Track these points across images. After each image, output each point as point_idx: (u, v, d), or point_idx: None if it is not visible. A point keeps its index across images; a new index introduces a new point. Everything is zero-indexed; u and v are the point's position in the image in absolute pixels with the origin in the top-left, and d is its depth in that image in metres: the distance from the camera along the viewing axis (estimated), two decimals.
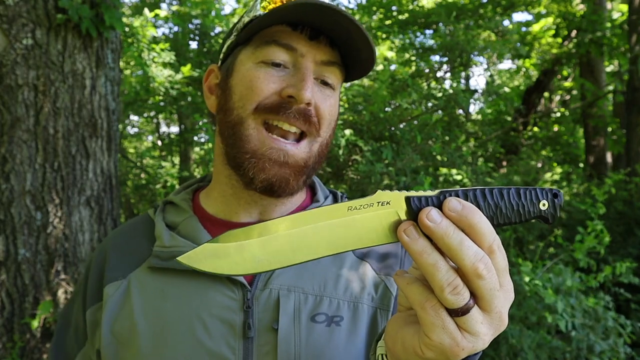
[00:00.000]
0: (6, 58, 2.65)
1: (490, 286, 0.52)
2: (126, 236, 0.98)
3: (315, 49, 0.85)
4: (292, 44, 0.84)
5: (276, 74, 0.84)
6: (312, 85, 0.84)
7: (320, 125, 0.87)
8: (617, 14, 8.25)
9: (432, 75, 6.29)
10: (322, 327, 0.82)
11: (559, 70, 8.79)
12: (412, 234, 0.53)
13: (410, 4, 8.19)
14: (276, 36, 0.85)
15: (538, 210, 0.57)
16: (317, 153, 0.88)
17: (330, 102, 0.88)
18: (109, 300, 0.88)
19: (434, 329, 0.53)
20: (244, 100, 0.85)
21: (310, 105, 0.84)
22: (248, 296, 0.82)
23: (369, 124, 4.42)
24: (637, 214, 5.80)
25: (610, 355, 3.02)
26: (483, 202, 0.56)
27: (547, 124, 9.53)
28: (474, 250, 0.51)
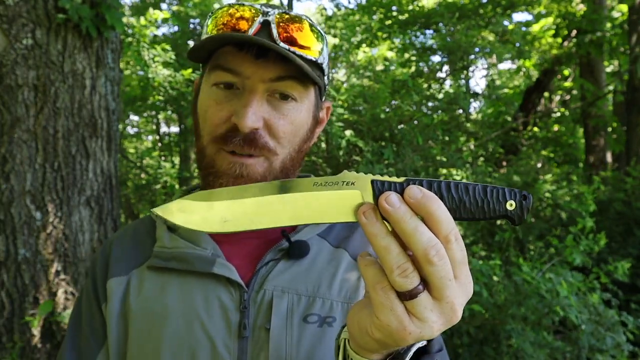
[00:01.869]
0: (6, 58, 2.65)
1: (441, 274, 0.53)
2: (129, 236, 0.99)
3: (262, 68, 0.81)
4: (236, 68, 0.82)
5: (224, 98, 0.84)
6: (259, 108, 0.82)
7: (276, 145, 0.85)
8: (617, 14, 8.25)
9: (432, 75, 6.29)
10: (314, 328, 0.83)
11: (559, 70, 8.80)
12: (370, 216, 0.55)
13: (410, 4, 8.19)
14: (222, 60, 0.83)
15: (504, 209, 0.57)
16: (280, 169, 0.87)
17: (289, 119, 0.85)
18: (112, 296, 0.90)
19: (382, 310, 0.54)
20: (203, 129, 0.87)
21: (258, 129, 0.82)
22: (245, 297, 0.84)
23: (369, 125, 4.43)
24: (636, 214, 5.80)
25: (614, 353, 3.02)
26: (447, 194, 0.56)
27: (547, 124, 9.53)
28: (427, 237, 0.52)
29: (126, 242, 0.97)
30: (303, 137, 0.90)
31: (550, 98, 10.47)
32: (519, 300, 3.18)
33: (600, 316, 3.10)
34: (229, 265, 0.86)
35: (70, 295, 2.84)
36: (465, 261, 0.56)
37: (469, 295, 0.57)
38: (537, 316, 3.12)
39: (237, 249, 0.91)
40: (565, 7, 7.99)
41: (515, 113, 8.39)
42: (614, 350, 3.03)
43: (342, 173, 0.58)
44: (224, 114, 0.83)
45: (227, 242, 0.92)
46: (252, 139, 0.82)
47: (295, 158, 0.90)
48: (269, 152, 0.85)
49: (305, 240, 0.90)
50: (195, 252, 0.88)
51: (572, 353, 3.13)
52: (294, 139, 0.87)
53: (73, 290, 2.84)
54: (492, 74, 9.88)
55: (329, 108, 1.00)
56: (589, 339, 3.02)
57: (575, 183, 7.45)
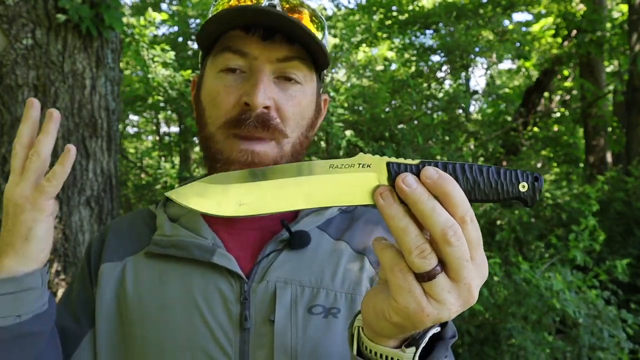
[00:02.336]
0: (6, 58, 2.65)
1: (458, 254, 0.53)
2: (126, 224, 0.99)
3: (269, 49, 0.83)
4: (244, 49, 0.83)
5: (234, 82, 0.84)
6: (268, 87, 0.83)
7: (285, 127, 0.85)
8: (617, 14, 8.25)
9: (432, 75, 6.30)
10: (319, 319, 0.83)
11: (559, 70, 8.80)
12: (387, 197, 0.55)
13: (410, 4, 8.19)
14: (229, 42, 0.84)
15: (517, 191, 0.58)
16: (291, 152, 0.87)
17: (296, 100, 0.86)
18: (102, 281, 0.89)
19: (400, 292, 0.54)
20: (212, 116, 0.87)
21: (269, 108, 0.83)
22: (245, 288, 0.83)
23: (369, 125, 4.43)
24: (636, 214, 5.80)
25: (614, 351, 3.03)
26: (462, 176, 0.57)
27: (547, 124, 9.53)
28: (444, 217, 0.53)
29: (123, 229, 0.97)
30: (309, 122, 0.90)
31: (550, 98, 10.47)
32: (519, 300, 3.18)
33: (600, 312, 3.10)
34: (229, 256, 0.85)
35: None
36: (481, 242, 0.56)
37: (485, 277, 0.57)
38: (538, 315, 3.13)
39: (237, 240, 0.90)
40: (565, 7, 7.99)
41: (515, 113, 8.39)
42: (614, 349, 3.03)
43: (358, 155, 0.58)
44: (235, 97, 0.84)
45: (227, 233, 0.91)
46: (264, 120, 0.82)
47: (303, 142, 0.90)
48: (280, 134, 0.85)
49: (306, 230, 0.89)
50: (195, 241, 0.87)
51: (572, 352, 3.14)
52: (301, 121, 0.88)
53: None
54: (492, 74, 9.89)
55: (326, 100, 1.00)
56: (589, 337, 3.02)
57: (576, 183, 7.46)
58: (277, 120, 0.84)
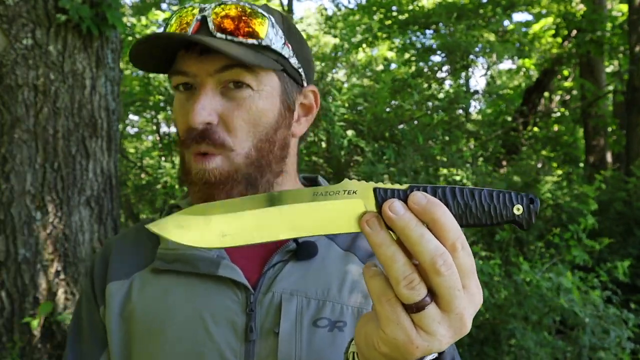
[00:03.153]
0: (6, 58, 2.65)
1: (449, 284, 0.51)
2: (130, 239, 0.97)
3: (206, 63, 0.80)
4: (183, 68, 0.82)
5: (185, 101, 0.84)
6: (211, 101, 0.80)
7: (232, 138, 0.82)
8: (617, 14, 8.25)
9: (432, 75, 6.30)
10: (324, 332, 0.81)
11: (559, 70, 8.80)
12: (374, 225, 0.53)
13: (410, 4, 8.19)
14: (175, 64, 0.84)
15: (511, 214, 0.55)
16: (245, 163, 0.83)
17: (245, 107, 0.82)
18: (110, 300, 0.88)
19: (388, 323, 0.52)
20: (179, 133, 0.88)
21: (211, 123, 0.81)
22: (251, 299, 0.82)
23: (370, 125, 4.43)
24: (636, 214, 5.80)
25: (616, 351, 3.02)
26: (452, 201, 0.54)
27: (547, 124, 9.53)
28: (434, 245, 0.50)
29: (127, 244, 0.96)
30: (270, 125, 0.85)
31: (550, 98, 10.47)
32: (519, 300, 3.18)
33: (602, 312, 3.10)
34: (234, 267, 0.84)
35: (70, 296, 2.83)
36: (474, 270, 0.54)
37: (478, 306, 0.55)
38: (538, 315, 3.12)
39: (243, 251, 0.89)
40: (565, 7, 7.99)
41: (515, 113, 8.39)
42: (616, 349, 3.02)
43: (343, 181, 0.56)
44: (184, 117, 0.83)
45: None
46: (205, 135, 0.80)
47: (264, 149, 0.85)
48: (224, 149, 0.82)
49: (313, 241, 0.88)
50: (199, 254, 0.86)
51: (572, 353, 3.13)
52: (254, 128, 0.83)
53: (73, 291, 2.84)
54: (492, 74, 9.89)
55: (315, 92, 0.95)
56: (590, 337, 3.02)
57: (576, 183, 7.45)
58: (220, 134, 0.81)
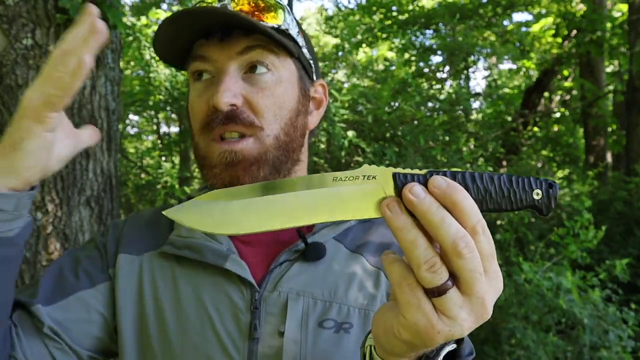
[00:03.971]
0: (6, 58, 2.65)
1: (470, 267, 0.50)
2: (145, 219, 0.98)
3: (226, 48, 0.82)
4: (204, 54, 0.83)
5: (203, 88, 0.85)
6: (234, 84, 0.81)
7: (260, 119, 0.82)
8: (617, 14, 8.25)
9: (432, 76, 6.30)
10: (330, 334, 0.81)
11: (559, 70, 8.80)
12: (394, 209, 0.52)
13: (410, 4, 8.19)
14: (194, 51, 0.85)
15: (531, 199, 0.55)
16: (275, 145, 0.84)
17: (268, 90, 0.83)
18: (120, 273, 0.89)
19: (409, 308, 0.52)
20: (193, 125, 0.87)
21: (236, 105, 0.81)
22: (256, 297, 0.82)
23: (370, 125, 4.43)
24: (636, 214, 5.80)
25: (617, 350, 3.03)
26: (472, 185, 0.54)
27: (547, 124, 9.53)
28: (455, 228, 0.50)
29: (141, 224, 0.96)
30: (292, 109, 0.86)
31: (550, 98, 10.47)
32: (520, 300, 3.18)
33: (602, 312, 3.10)
34: (242, 263, 0.84)
35: None
36: (494, 254, 0.53)
37: (499, 291, 0.54)
38: (538, 315, 3.12)
39: (251, 248, 0.90)
40: (565, 7, 7.99)
41: (515, 113, 8.39)
42: (617, 347, 3.03)
43: (363, 166, 0.56)
44: (204, 102, 0.84)
45: (242, 240, 0.90)
46: (232, 116, 0.81)
47: (291, 134, 0.86)
48: (255, 129, 0.82)
49: (322, 242, 0.87)
50: (210, 245, 0.86)
51: (573, 352, 3.13)
52: (280, 111, 0.84)
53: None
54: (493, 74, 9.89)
55: (324, 86, 0.96)
56: (590, 336, 3.02)
57: (576, 183, 7.46)
58: (247, 114, 0.82)
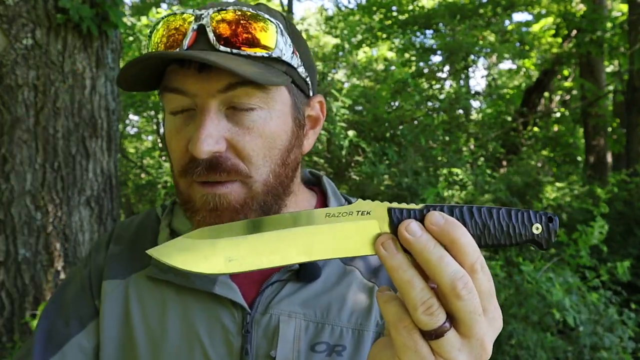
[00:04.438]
0: (6, 58, 2.64)
1: (469, 309, 0.48)
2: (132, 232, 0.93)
3: (207, 81, 0.70)
4: (181, 87, 0.71)
5: (182, 124, 0.74)
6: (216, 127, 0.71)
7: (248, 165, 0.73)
8: (617, 14, 8.25)
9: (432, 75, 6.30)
10: (322, 357, 0.78)
11: (559, 70, 8.80)
12: (390, 247, 0.50)
13: (410, 4, 8.19)
14: (167, 80, 0.74)
15: (530, 233, 0.54)
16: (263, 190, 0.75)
17: (256, 131, 0.72)
18: (106, 299, 0.85)
19: (405, 351, 0.49)
20: (173, 162, 0.79)
21: (219, 152, 0.71)
22: (247, 320, 0.78)
23: (370, 125, 4.43)
24: (637, 214, 5.80)
25: (617, 351, 3.02)
26: (470, 220, 0.53)
27: (547, 124, 9.53)
28: (453, 268, 0.48)
29: (128, 239, 0.91)
30: (284, 147, 0.77)
31: (550, 98, 10.47)
32: (520, 300, 3.18)
33: (600, 315, 3.10)
34: (232, 285, 0.80)
35: None
36: (493, 292, 0.51)
37: (499, 330, 0.53)
38: (538, 316, 3.12)
39: None
40: (565, 7, 7.99)
41: (515, 113, 8.39)
42: (617, 348, 3.03)
43: (357, 202, 0.54)
44: (183, 143, 0.74)
45: None
46: (215, 164, 0.71)
47: (281, 174, 0.77)
48: (240, 175, 0.73)
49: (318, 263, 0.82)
50: None
51: (573, 352, 3.13)
52: (270, 152, 0.75)
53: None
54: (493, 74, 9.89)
55: (321, 103, 0.86)
56: (590, 338, 3.02)
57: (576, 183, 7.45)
58: (232, 160, 0.72)
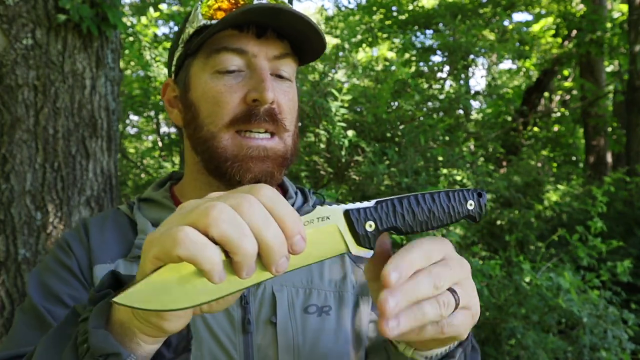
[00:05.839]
0: (6, 58, 2.64)
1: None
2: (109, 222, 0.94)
3: (265, 46, 0.85)
4: (242, 47, 0.84)
5: (234, 81, 0.85)
6: (272, 83, 0.85)
7: (286, 122, 0.88)
8: (617, 14, 8.25)
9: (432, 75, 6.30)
10: (314, 318, 0.87)
11: (559, 70, 8.80)
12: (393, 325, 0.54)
13: (410, 4, 8.19)
14: (225, 42, 0.85)
15: (466, 210, 0.61)
16: (292, 146, 0.90)
17: (289, 97, 0.89)
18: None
19: None
20: (214, 116, 0.85)
21: (274, 104, 0.85)
22: (245, 292, 0.84)
23: (370, 125, 4.42)
24: (637, 214, 5.80)
25: (616, 352, 3.02)
26: (417, 208, 0.59)
27: (547, 124, 9.53)
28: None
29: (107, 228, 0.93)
30: (296, 118, 0.93)
31: (550, 98, 10.47)
32: (520, 300, 3.18)
33: (602, 313, 3.10)
34: None
35: None
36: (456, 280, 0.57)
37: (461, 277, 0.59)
38: (539, 315, 3.12)
39: None
40: (565, 7, 7.99)
41: (515, 113, 8.39)
42: (616, 349, 3.02)
43: (316, 209, 0.58)
44: (239, 95, 0.84)
45: None
46: (273, 114, 0.85)
47: (296, 138, 0.93)
48: (282, 129, 0.87)
49: None
50: None
51: (573, 352, 3.13)
52: (292, 118, 0.90)
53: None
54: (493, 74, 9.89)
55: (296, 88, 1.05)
56: (590, 337, 3.02)
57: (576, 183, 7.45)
58: (279, 115, 0.87)
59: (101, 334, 0.55)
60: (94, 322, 0.57)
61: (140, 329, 0.57)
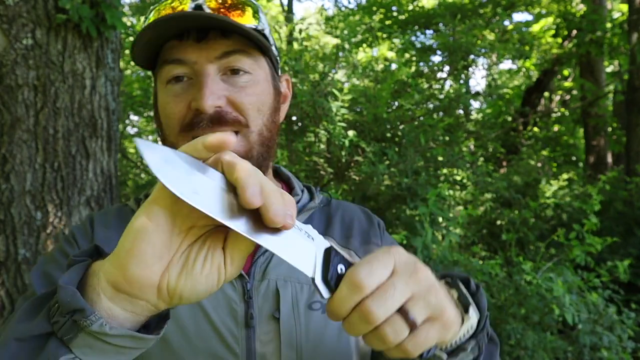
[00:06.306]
0: (6, 58, 2.64)
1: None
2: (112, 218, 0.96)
3: (205, 50, 0.83)
4: (180, 57, 0.84)
5: (181, 90, 0.85)
6: (216, 86, 0.83)
7: (246, 118, 0.86)
8: (617, 14, 8.25)
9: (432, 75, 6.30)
10: (318, 314, 0.86)
11: (559, 70, 8.80)
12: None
13: (410, 4, 8.19)
14: (166, 54, 0.85)
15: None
16: (259, 141, 0.88)
17: (249, 90, 0.86)
18: None
19: None
20: (168, 127, 0.88)
21: (221, 106, 0.83)
22: (248, 287, 0.85)
23: (370, 125, 4.42)
24: (637, 214, 5.80)
25: (617, 350, 3.02)
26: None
27: (547, 124, 9.53)
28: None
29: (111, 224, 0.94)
30: (270, 107, 0.91)
31: (550, 98, 10.47)
32: (520, 300, 3.18)
33: (600, 315, 3.10)
34: None
35: None
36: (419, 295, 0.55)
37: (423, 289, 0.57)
38: (538, 315, 3.12)
39: None
40: (565, 7, 8.00)
41: (515, 113, 8.39)
42: (617, 348, 3.02)
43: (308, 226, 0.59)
44: (184, 104, 0.84)
45: None
46: (219, 117, 0.83)
47: (272, 130, 0.91)
48: (241, 126, 0.85)
49: None
50: None
51: (573, 352, 3.13)
52: (262, 108, 0.88)
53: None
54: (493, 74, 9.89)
55: (288, 81, 1.00)
56: (590, 337, 3.02)
57: (576, 183, 7.46)
58: (232, 113, 0.85)
59: (70, 290, 0.55)
60: (65, 279, 0.56)
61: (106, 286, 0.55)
